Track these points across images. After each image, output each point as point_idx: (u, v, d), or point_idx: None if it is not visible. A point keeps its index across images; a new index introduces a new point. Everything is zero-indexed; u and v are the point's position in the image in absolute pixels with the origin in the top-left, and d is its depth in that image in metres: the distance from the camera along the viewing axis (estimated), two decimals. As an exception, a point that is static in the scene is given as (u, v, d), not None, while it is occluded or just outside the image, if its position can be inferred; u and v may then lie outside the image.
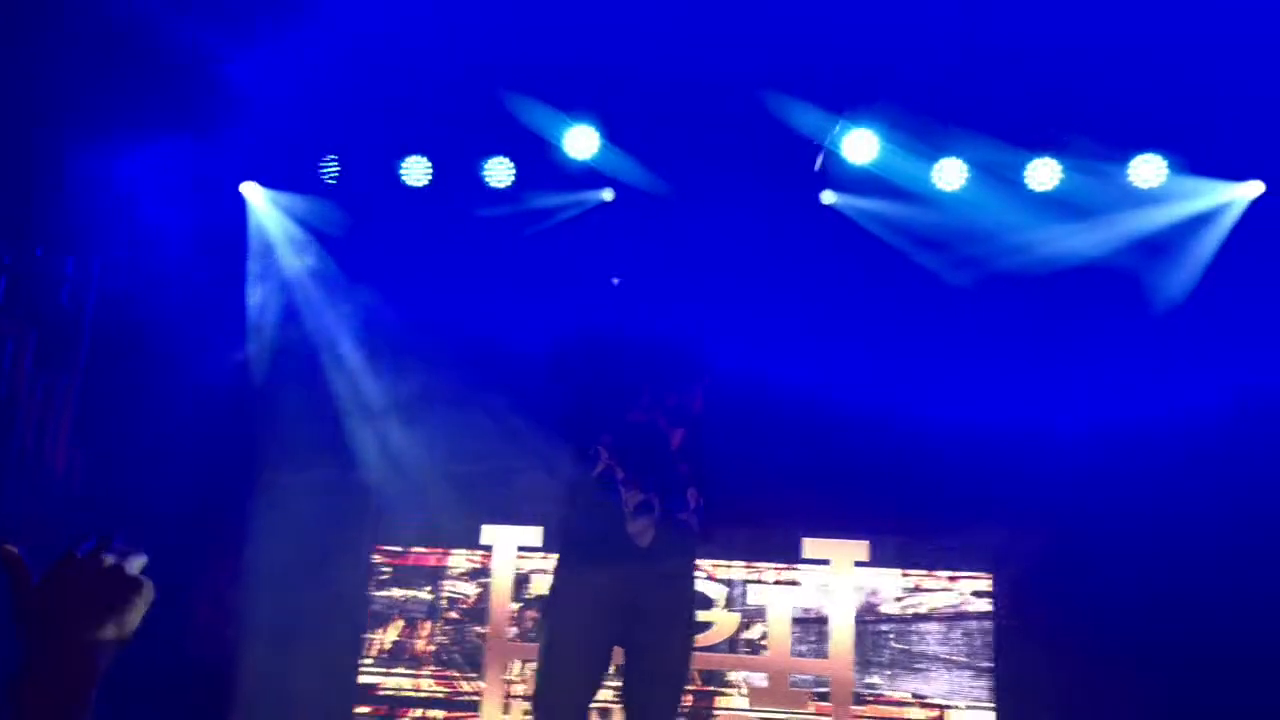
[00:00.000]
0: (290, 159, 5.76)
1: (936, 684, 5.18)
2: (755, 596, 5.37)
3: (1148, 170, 5.27)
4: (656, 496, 3.08)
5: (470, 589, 5.53)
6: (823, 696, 5.18)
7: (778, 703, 5.19)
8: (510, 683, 5.33)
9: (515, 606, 5.44)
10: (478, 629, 5.45)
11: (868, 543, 5.27)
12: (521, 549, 5.48)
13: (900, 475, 5.14)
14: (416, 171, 5.74)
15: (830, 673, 5.20)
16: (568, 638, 3.12)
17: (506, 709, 5.30)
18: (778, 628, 5.27)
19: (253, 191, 5.85)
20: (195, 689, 5.05)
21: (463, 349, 5.55)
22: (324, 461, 5.47)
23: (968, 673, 5.16)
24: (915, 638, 5.21)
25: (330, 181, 5.78)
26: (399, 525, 5.56)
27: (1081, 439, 5.11)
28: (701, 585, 5.29)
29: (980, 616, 5.22)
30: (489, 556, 5.49)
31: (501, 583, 5.43)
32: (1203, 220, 5.32)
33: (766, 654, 5.27)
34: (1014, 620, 5.17)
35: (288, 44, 5.02)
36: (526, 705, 5.23)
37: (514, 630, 5.39)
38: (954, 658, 5.19)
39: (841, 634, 5.21)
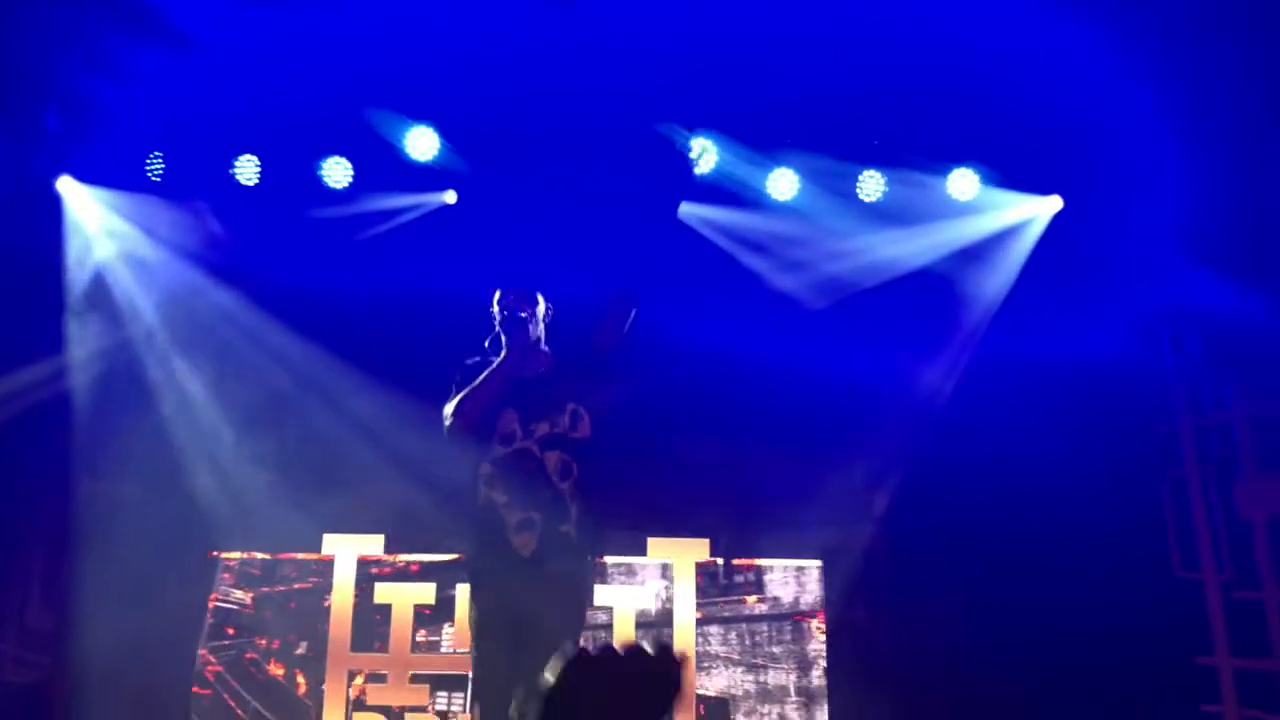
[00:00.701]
0: (115, 155, 5.48)
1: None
2: (601, 597, 5.44)
3: (964, 183, 5.62)
4: (537, 513, 3.42)
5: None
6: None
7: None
8: (350, 690, 5.24)
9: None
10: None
11: (708, 541, 5.41)
12: (363, 558, 5.39)
13: (737, 477, 5.32)
14: (247, 170, 5.57)
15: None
16: (495, 657, 3.42)
17: (347, 717, 5.21)
18: (622, 626, 5.35)
19: (70, 188, 5.53)
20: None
21: (300, 354, 5.43)
22: (151, 471, 5.25)
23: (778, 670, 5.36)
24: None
25: (156, 180, 5.54)
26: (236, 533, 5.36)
27: (905, 438, 5.41)
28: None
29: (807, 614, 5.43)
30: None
31: (343, 592, 5.33)
32: (1011, 231, 5.69)
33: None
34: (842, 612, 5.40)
35: (118, 40, 4.79)
36: (364, 714, 5.18)
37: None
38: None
39: (684, 632, 5.33)
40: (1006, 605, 5.12)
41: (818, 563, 5.39)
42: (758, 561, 5.41)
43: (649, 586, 5.37)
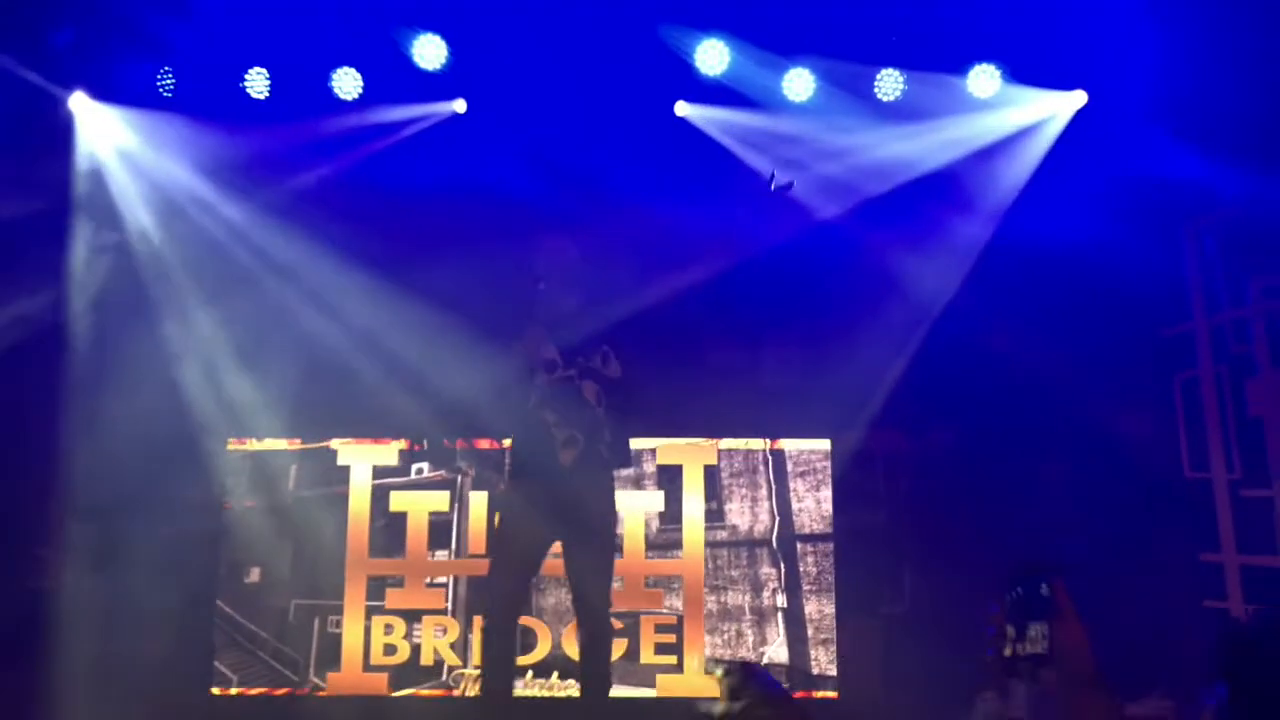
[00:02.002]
0: (125, 70, 5.51)
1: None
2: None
3: (984, 81, 5.47)
4: (580, 433, 4.02)
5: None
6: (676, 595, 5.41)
7: (635, 604, 5.39)
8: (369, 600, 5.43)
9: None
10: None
11: (716, 443, 5.46)
12: (378, 469, 5.52)
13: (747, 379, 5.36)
14: (257, 84, 5.58)
15: (683, 572, 5.42)
16: (512, 532, 4.14)
17: (367, 623, 5.40)
18: (633, 530, 5.45)
19: (82, 105, 5.58)
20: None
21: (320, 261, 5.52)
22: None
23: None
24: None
25: (167, 95, 5.58)
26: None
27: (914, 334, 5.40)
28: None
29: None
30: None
31: (360, 501, 5.48)
32: (1031, 128, 5.54)
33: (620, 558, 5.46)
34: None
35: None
36: (385, 618, 5.37)
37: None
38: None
39: (693, 535, 5.42)
40: (1014, 503, 5.12)
41: (826, 443, 5.45)
42: (780, 443, 5.46)
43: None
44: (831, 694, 5.27)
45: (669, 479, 5.47)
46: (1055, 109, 5.55)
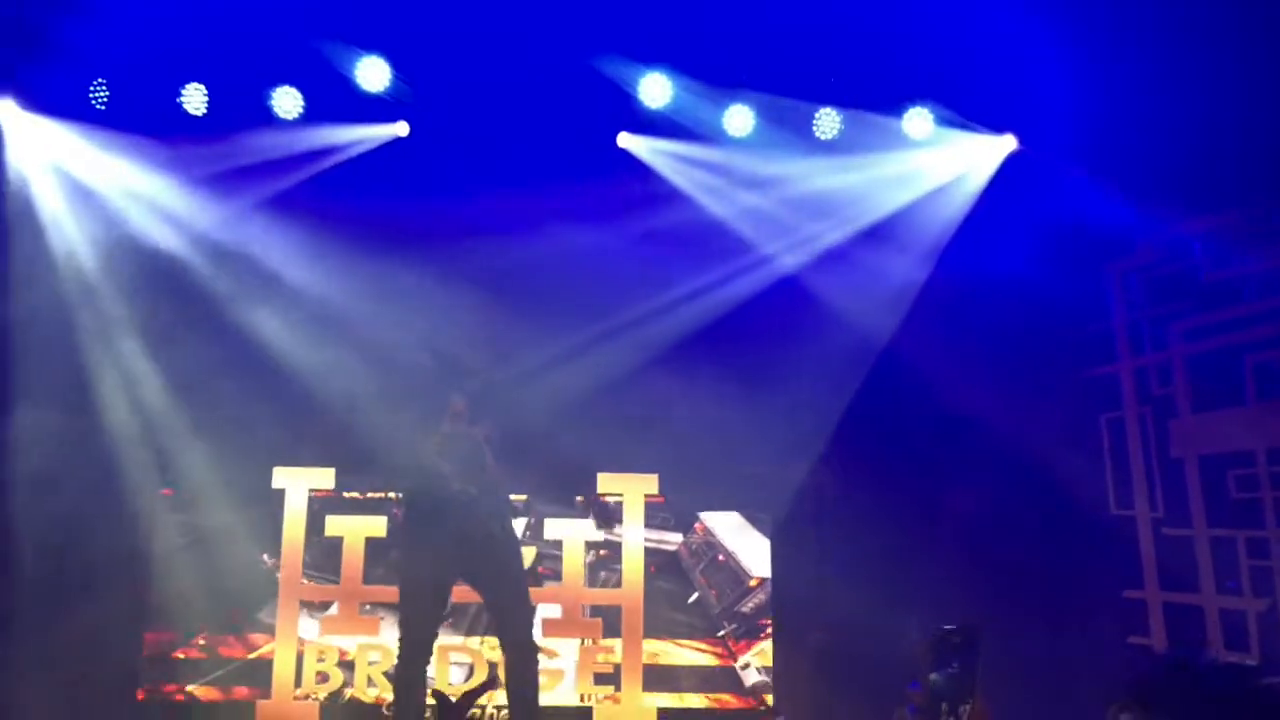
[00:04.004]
0: (59, 84, 5.36)
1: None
2: (551, 530, 5.52)
3: (919, 123, 5.60)
4: (473, 486, 4.06)
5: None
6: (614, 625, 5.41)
7: (571, 632, 5.37)
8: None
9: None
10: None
11: (656, 476, 5.48)
12: (314, 490, 5.43)
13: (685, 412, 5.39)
14: (194, 99, 5.47)
15: (623, 602, 5.42)
16: (414, 580, 4.15)
17: (300, 645, 5.30)
18: (572, 560, 5.44)
19: (10, 113, 5.41)
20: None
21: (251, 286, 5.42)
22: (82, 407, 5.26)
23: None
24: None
25: (100, 108, 5.43)
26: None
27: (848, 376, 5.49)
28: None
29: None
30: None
31: (294, 525, 5.38)
32: (961, 170, 5.69)
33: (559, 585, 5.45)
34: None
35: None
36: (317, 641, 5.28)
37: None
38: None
39: (633, 565, 5.43)
40: (946, 538, 5.23)
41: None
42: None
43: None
44: None
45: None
46: (987, 152, 5.71)
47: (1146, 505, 4.94)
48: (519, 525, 5.43)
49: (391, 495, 5.41)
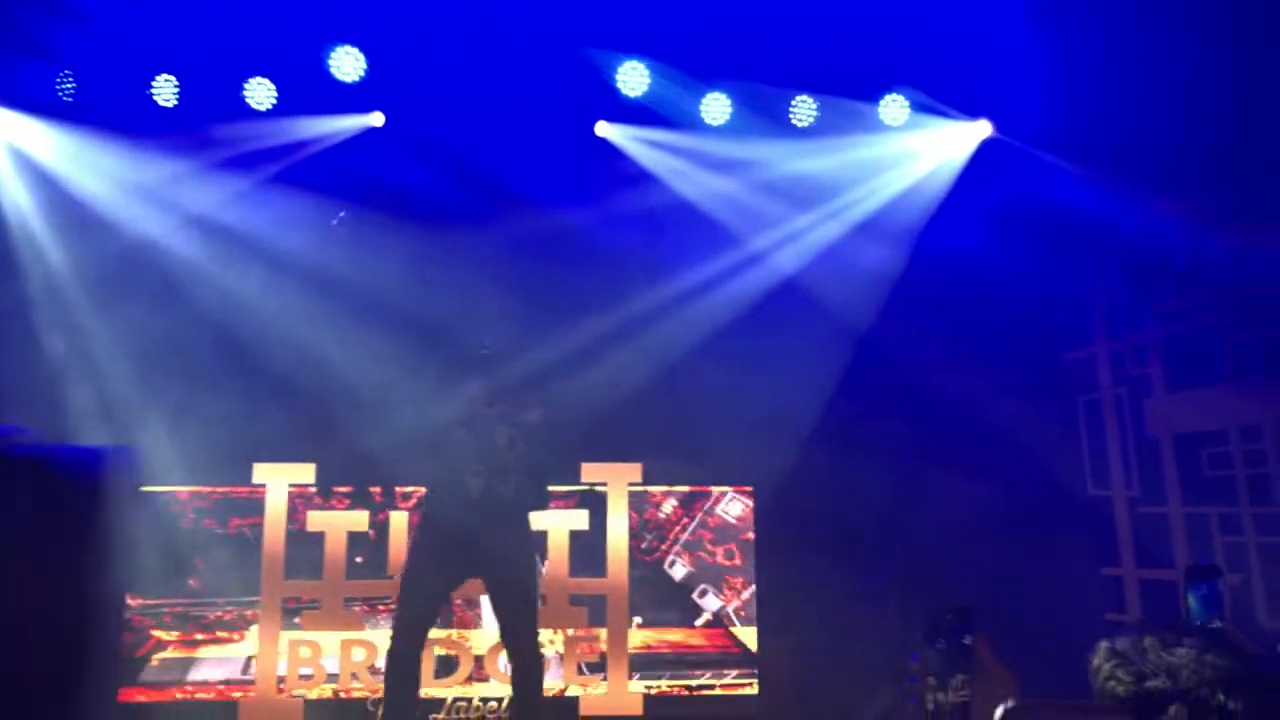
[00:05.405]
0: (23, 73, 5.27)
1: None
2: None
3: (894, 109, 5.64)
4: (487, 473, 4.11)
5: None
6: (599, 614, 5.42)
7: (554, 623, 5.38)
8: (285, 616, 5.29)
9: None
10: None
11: (641, 465, 5.49)
12: (294, 486, 5.39)
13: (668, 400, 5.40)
14: (165, 91, 5.40)
15: (607, 590, 5.43)
16: (419, 569, 4.19)
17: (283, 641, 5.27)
18: (556, 549, 5.44)
19: (-23, 107, 5.32)
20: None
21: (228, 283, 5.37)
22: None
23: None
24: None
25: (67, 100, 5.35)
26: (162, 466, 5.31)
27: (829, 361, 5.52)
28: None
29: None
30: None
31: (275, 520, 5.34)
32: (937, 155, 5.73)
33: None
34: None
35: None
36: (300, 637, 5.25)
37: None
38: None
39: (617, 551, 5.44)
40: (926, 519, 5.28)
41: (749, 488, 5.53)
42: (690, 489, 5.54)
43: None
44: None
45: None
46: (962, 137, 5.76)
47: (1123, 484, 5.02)
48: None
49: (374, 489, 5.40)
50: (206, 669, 5.29)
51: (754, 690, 5.39)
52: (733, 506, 5.57)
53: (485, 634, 5.29)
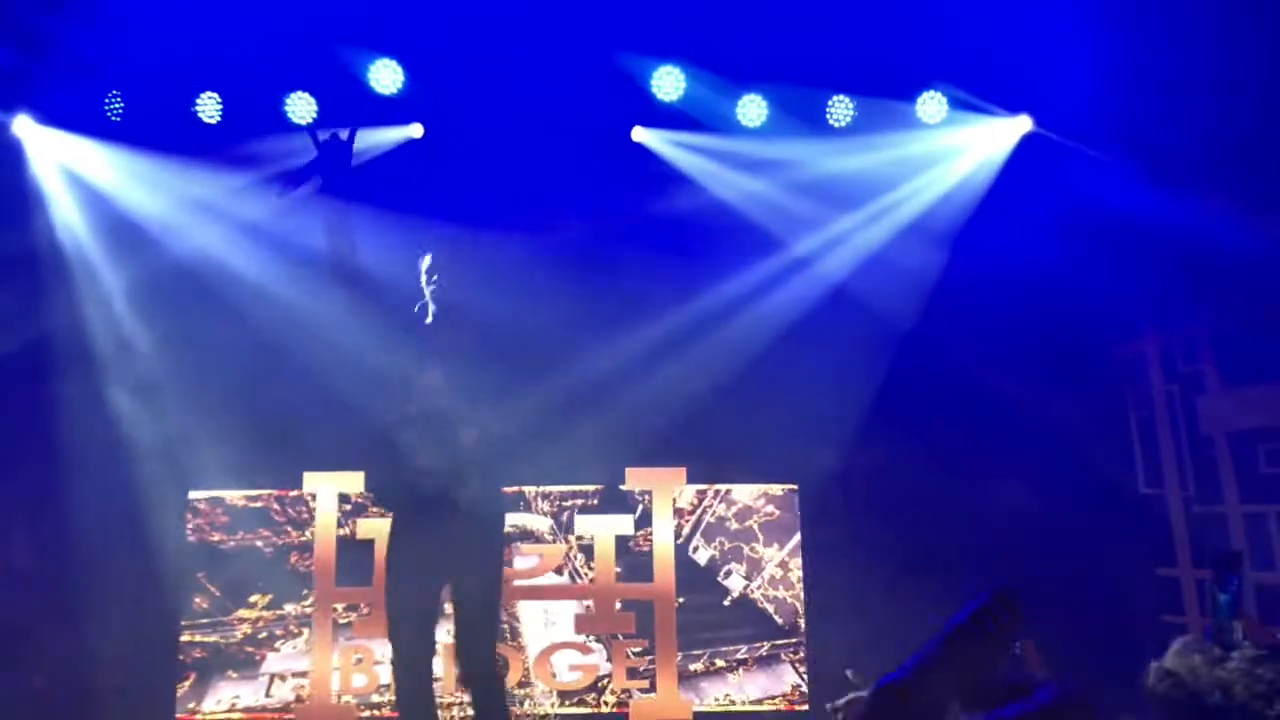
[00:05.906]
0: (72, 94, 5.37)
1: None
2: (581, 526, 5.52)
3: (932, 106, 5.58)
4: (442, 471, 3.69)
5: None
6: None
7: (603, 628, 5.38)
8: (336, 622, 5.34)
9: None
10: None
11: (685, 470, 5.48)
12: (343, 495, 5.44)
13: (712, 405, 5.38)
14: (209, 108, 5.48)
15: (654, 596, 5.43)
16: (396, 577, 3.81)
17: (334, 648, 5.32)
18: (603, 554, 5.44)
19: (27, 128, 5.42)
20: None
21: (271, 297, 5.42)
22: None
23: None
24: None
25: (115, 119, 5.44)
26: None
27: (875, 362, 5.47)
28: (526, 519, 5.45)
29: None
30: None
31: (325, 528, 5.39)
32: (979, 151, 5.67)
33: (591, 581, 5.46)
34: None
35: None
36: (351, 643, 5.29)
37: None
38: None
39: (663, 557, 5.43)
40: (975, 520, 5.22)
41: (793, 486, 5.50)
42: (733, 488, 5.52)
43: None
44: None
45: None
46: (1002, 133, 5.69)
47: (1176, 483, 4.93)
48: (542, 525, 5.43)
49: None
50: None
51: (805, 708, 5.35)
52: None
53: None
